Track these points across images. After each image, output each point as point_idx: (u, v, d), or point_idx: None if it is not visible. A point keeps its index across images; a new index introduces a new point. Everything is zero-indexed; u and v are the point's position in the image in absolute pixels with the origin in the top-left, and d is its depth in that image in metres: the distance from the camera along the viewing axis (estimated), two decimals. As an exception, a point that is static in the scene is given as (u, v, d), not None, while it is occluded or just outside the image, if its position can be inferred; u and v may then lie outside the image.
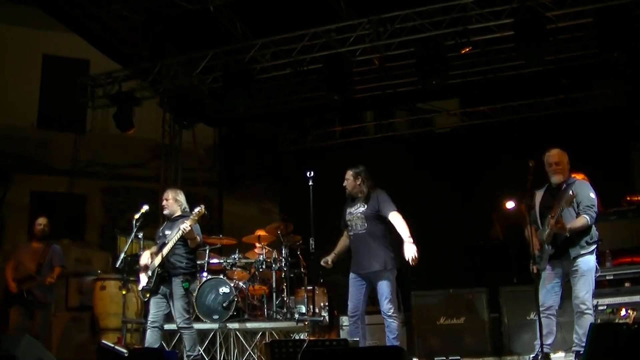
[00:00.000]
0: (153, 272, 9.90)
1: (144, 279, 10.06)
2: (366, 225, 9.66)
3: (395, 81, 15.16)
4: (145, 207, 10.30)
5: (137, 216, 10.29)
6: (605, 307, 10.36)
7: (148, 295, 9.95)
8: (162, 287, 9.95)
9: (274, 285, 12.14)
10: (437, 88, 12.86)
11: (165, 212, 10.28)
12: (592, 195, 9.17)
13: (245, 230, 13.29)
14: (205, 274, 12.27)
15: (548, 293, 9.20)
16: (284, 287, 11.91)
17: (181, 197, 10.46)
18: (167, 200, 10.33)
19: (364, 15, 12.90)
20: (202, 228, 11.32)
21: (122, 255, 10.12)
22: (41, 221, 12.60)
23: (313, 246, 8.99)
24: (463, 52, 13.50)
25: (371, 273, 9.55)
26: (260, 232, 12.78)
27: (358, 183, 9.93)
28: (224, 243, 13.15)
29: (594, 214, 9.00)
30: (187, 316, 10.00)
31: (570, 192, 8.76)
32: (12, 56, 18.04)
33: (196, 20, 13.48)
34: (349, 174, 10.00)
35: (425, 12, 12.55)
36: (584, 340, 8.38)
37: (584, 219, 8.92)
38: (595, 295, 10.21)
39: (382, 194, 9.90)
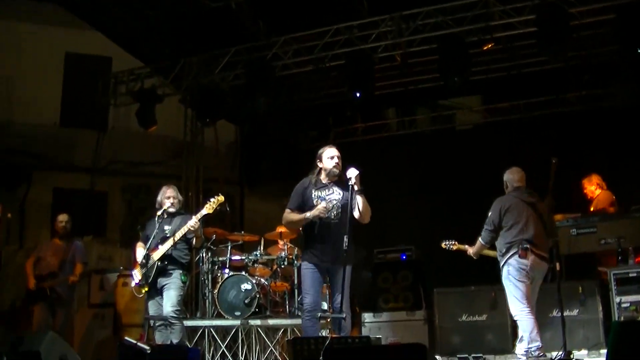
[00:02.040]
0: (152, 266, 9.98)
1: (137, 275, 10.13)
2: (340, 214, 8.95)
3: (417, 77, 15.10)
4: (167, 204, 10.31)
5: (159, 213, 10.30)
6: (628, 304, 10.28)
7: (144, 291, 10.02)
8: (158, 280, 10.04)
9: (295, 282, 12.14)
10: (459, 85, 12.83)
11: (172, 209, 10.32)
12: (489, 213, 9.87)
13: (266, 228, 13.28)
14: (227, 270, 12.28)
15: None
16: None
17: (179, 195, 10.69)
18: (174, 198, 10.46)
19: (386, 12, 12.91)
20: (224, 224, 11.34)
21: (144, 252, 10.13)
22: (62, 218, 12.65)
23: (347, 243, 8.73)
24: (485, 48, 13.50)
25: (338, 265, 8.73)
26: (282, 229, 12.78)
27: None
28: (245, 240, 13.15)
29: (484, 232, 9.89)
30: (179, 307, 10.08)
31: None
32: (35, 54, 18.09)
33: (218, 17, 13.48)
34: (337, 152, 9.28)
35: (448, 9, 12.55)
36: (526, 346, 9.23)
37: (478, 242, 10.00)
38: (619, 292, 10.24)
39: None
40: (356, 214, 8.84)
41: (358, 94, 13.34)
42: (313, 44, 13.58)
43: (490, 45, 13.46)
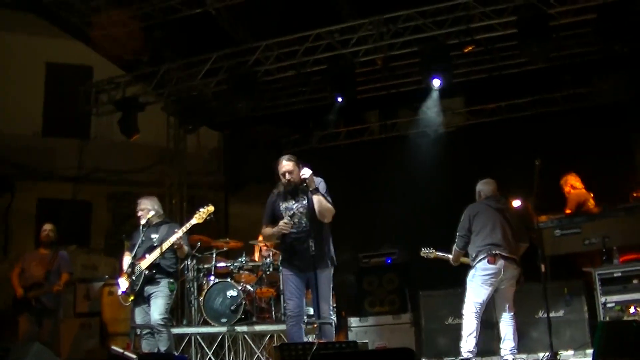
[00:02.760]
0: (139, 275, 9.98)
1: (124, 283, 10.14)
2: (309, 222, 8.89)
3: (399, 80, 15.11)
4: (152, 212, 10.30)
5: (143, 222, 10.29)
6: (613, 304, 10.32)
7: (130, 299, 10.03)
8: (145, 288, 10.04)
9: (281, 288, 12.13)
10: (441, 87, 12.88)
11: (142, 221, 10.33)
12: (461, 220, 10.09)
13: (251, 233, 13.27)
14: (212, 277, 12.27)
15: None
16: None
17: (157, 204, 10.67)
18: (142, 210, 10.45)
19: (366, 16, 12.93)
20: (208, 231, 11.32)
21: (130, 260, 10.12)
22: (46, 227, 12.65)
23: (313, 248, 8.73)
24: (466, 50, 13.54)
25: (312, 272, 8.68)
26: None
27: (299, 173, 8.98)
28: (230, 247, 13.13)
29: (457, 239, 10.10)
30: (167, 316, 10.11)
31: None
32: (15, 64, 18.05)
33: (198, 24, 13.47)
34: (290, 165, 9.03)
35: (428, 12, 12.58)
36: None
37: (454, 249, 10.25)
38: (604, 292, 10.29)
39: (322, 183, 9.07)
40: (317, 214, 8.85)
41: (340, 98, 13.38)
42: (294, 49, 13.58)
43: (471, 47, 13.51)
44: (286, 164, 9.07)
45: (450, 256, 10.49)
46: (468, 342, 9.63)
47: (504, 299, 9.86)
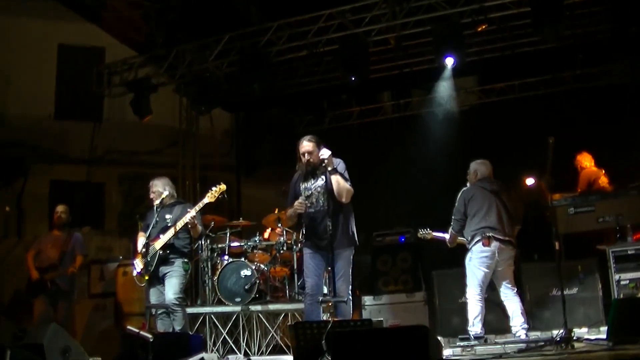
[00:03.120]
0: (154, 255, 10.05)
1: (138, 264, 10.20)
2: (328, 200, 8.90)
3: (411, 60, 15.07)
4: (165, 193, 10.32)
5: (157, 203, 10.30)
6: (627, 281, 10.32)
7: (145, 279, 10.08)
8: (160, 268, 10.11)
9: (295, 267, 12.17)
10: (454, 66, 12.84)
11: (156, 202, 10.36)
12: (456, 204, 10.40)
13: (263, 215, 13.28)
14: (226, 257, 12.30)
15: None
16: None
17: (169, 185, 10.69)
18: (154, 192, 10.54)
19: (379, -6, 12.87)
20: (221, 212, 11.33)
21: (144, 241, 10.14)
22: (59, 209, 12.66)
23: (330, 227, 8.74)
24: (479, 29, 13.47)
25: (330, 251, 8.71)
26: (281, 214, 12.80)
27: (318, 153, 9.07)
28: (243, 225, 13.14)
29: (453, 222, 10.45)
30: (181, 295, 10.17)
31: None
32: (28, 47, 18.05)
33: (210, 4, 13.45)
34: (312, 146, 9.16)
35: (441, -10, 12.52)
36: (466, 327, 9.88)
37: (450, 231, 10.54)
38: (618, 270, 10.30)
39: (340, 164, 9.17)
40: (335, 193, 8.92)
41: (353, 78, 13.36)
42: (306, 29, 13.53)
43: (484, 26, 13.45)
44: (306, 145, 9.17)
45: (447, 237, 10.72)
46: (475, 326, 9.80)
47: (504, 278, 10.06)
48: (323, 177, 8.98)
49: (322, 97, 17.62)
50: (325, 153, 8.82)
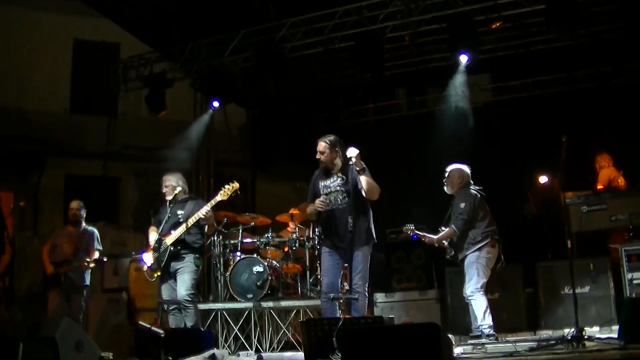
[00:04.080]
0: (165, 251, 10.08)
1: (149, 259, 10.25)
2: (347, 199, 9.03)
3: (426, 57, 15.06)
4: (178, 188, 10.35)
5: (169, 198, 10.34)
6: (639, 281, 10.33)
7: (156, 275, 10.13)
8: (171, 264, 10.16)
9: (307, 264, 12.19)
10: (468, 63, 12.83)
11: (168, 198, 10.42)
12: (462, 204, 10.25)
13: (278, 211, 13.32)
14: (238, 253, 12.33)
15: None
16: (318, 265, 11.84)
17: (182, 181, 10.72)
18: (167, 187, 10.55)
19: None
20: (235, 208, 11.36)
21: (157, 236, 10.18)
22: (73, 205, 12.68)
23: (351, 224, 8.78)
24: (493, 27, 13.46)
25: (349, 248, 8.86)
26: (293, 211, 12.83)
27: (334, 155, 9.27)
28: (257, 222, 13.18)
29: (461, 222, 10.21)
30: (194, 291, 10.22)
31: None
32: (43, 42, 18.13)
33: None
34: (324, 146, 9.28)
35: (456, -12, 12.51)
36: (477, 324, 9.86)
37: (450, 230, 10.30)
38: (630, 269, 10.30)
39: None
40: (363, 193, 8.97)
41: (368, 75, 13.37)
42: (322, 25, 13.55)
43: (498, 24, 13.43)
44: (319, 144, 9.30)
45: (431, 236, 10.75)
46: (487, 319, 9.81)
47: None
48: (343, 175, 9.12)
49: (337, 94, 17.62)
50: (352, 152, 8.87)
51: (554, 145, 9.39)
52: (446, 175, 10.69)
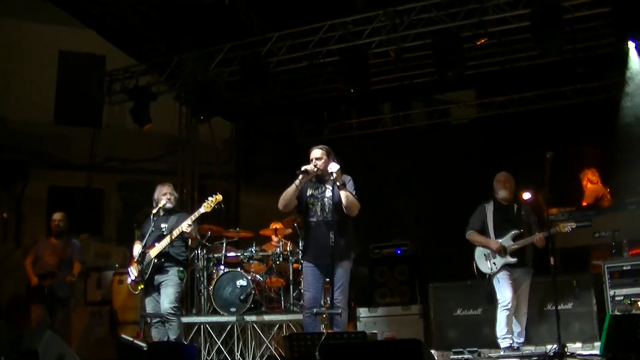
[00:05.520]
0: (149, 264, 10.07)
1: (133, 272, 10.25)
2: (332, 212, 8.88)
3: (411, 72, 15.08)
4: (163, 202, 10.35)
5: (154, 210, 10.33)
6: (622, 297, 10.34)
7: (140, 287, 10.09)
8: (155, 277, 10.15)
9: (291, 278, 12.20)
10: (454, 79, 12.85)
11: (169, 205, 10.43)
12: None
13: (262, 223, 13.34)
14: (222, 266, 12.33)
15: (511, 293, 10.08)
16: (301, 279, 11.84)
17: (175, 191, 10.82)
18: (171, 195, 10.57)
19: (380, 7, 12.90)
20: (219, 221, 11.34)
21: (141, 249, 10.16)
22: (57, 217, 12.68)
23: (333, 239, 8.76)
24: (479, 43, 13.51)
25: (330, 262, 8.64)
26: (277, 225, 12.85)
27: (328, 163, 9.08)
28: (240, 236, 13.19)
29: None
30: (177, 305, 10.19)
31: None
32: (29, 52, 18.09)
33: (212, 14, 13.49)
34: (320, 153, 9.17)
35: (442, 4, 12.54)
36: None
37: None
38: (613, 285, 10.35)
39: (350, 182, 9.18)
40: (344, 208, 8.93)
41: (352, 90, 13.40)
42: (307, 39, 13.57)
43: (484, 40, 13.48)
44: (315, 152, 9.22)
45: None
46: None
47: None
48: (330, 187, 9.01)
49: (322, 108, 17.64)
50: (333, 167, 8.82)
51: (538, 161, 9.43)
52: (502, 179, 10.58)
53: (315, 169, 9.05)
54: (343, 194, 8.86)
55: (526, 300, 10.19)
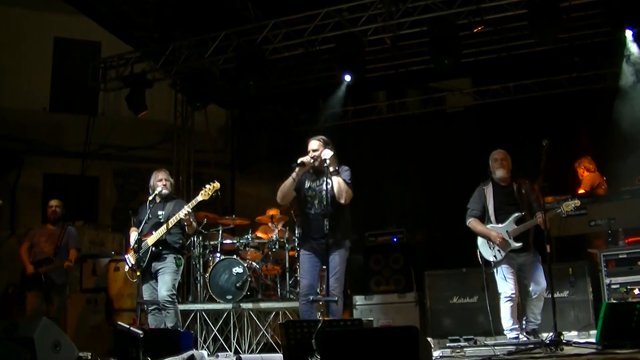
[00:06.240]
0: (146, 251, 10.07)
1: (130, 259, 10.24)
2: (330, 203, 8.89)
3: (407, 60, 15.05)
4: (159, 188, 10.32)
5: (150, 198, 10.31)
6: (618, 285, 10.34)
7: (137, 275, 10.10)
8: (152, 264, 10.13)
9: (287, 265, 12.20)
10: (450, 67, 12.82)
11: (165, 192, 10.40)
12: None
13: (257, 211, 13.35)
14: (218, 254, 12.33)
15: (514, 282, 9.94)
16: (297, 266, 11.84)
17: (170, 177, 10.82)
18: (167, 180, 10.55)
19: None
20: (215, 209, 11.33)
21: (137, 236, 10.15)
22: (53, 203, 12.67)
23: (327, 227, 8.76)
24: (475, 30, 13.48)
25: (326, 250, 8.73)
26: (273, 212, 12.83)
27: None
28: (236, 223, 13.17)
29: None
30: (174, 292, 10.17)
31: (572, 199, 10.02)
32: (24, 39, 18.06)
33: (207, 1, 13.44)
34: (318, 144, 9.13)
35: (438, -9, 12.51)
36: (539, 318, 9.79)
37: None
38: (609, 274, 10.34)
39: (346, 172, 9.19)
40: (335, 194, 8.94)
41: (348, 76, 13.38)
42: (303, 27, 13.52)
43: (480, 28, 13.45)
44: (312, 143, 9.19)
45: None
46: None
47: None
48: (327, 180, 8.95)
49: (317, 96, 17.60)
50: (326, 154, 8.83)
51: (534, 149, 9.41)
52: (498, 157, 10.28)
53: (312, 161, 9.04)
54: (335, 180, 8.88)
55: (540, 281, 9.79)
